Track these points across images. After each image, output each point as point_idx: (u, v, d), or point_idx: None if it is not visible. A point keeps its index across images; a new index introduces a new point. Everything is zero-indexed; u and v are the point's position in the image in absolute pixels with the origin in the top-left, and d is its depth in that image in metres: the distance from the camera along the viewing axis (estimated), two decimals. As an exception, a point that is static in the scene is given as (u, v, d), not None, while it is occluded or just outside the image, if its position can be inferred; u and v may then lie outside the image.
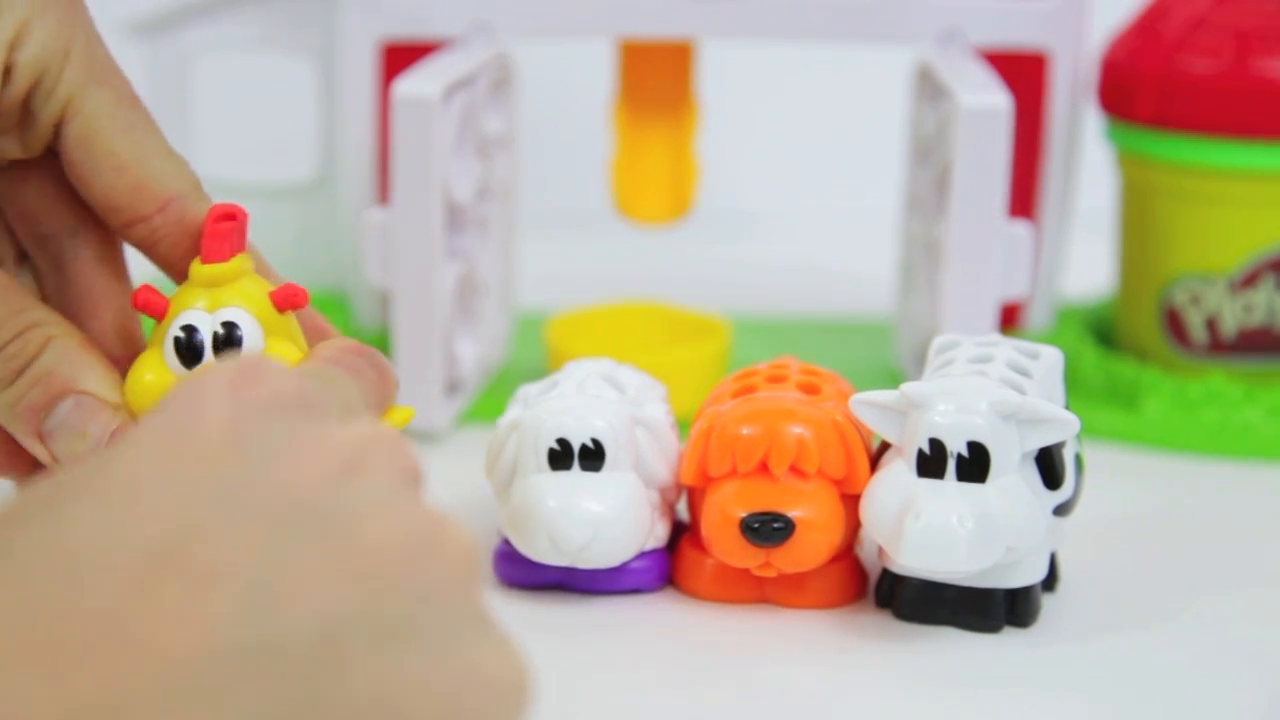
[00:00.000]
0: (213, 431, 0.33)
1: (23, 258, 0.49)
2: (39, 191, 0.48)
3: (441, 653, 0.32)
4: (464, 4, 0.66)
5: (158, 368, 0.44)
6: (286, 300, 0.45)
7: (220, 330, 0.44)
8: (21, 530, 0.30)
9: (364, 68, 0.67)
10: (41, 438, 0.44)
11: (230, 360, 0.35)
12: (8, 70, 0.44)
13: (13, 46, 0.44)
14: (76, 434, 0.44)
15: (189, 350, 0.44)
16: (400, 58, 0.66)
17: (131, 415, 0.45)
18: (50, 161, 0.47)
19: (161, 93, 0.73)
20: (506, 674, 0.33)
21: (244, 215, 0.45)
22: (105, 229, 0.48)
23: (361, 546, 0.32)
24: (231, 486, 0.31)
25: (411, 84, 0.59)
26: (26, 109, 0.45)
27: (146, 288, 0.45)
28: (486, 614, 0.34)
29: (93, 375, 0.45)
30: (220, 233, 0.45)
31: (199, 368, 0.44)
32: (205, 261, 0.45)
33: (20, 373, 0.44)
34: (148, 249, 0.47)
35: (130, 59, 0.77)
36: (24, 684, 0.27)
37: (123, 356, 0.47)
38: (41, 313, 0.45)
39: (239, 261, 0.45)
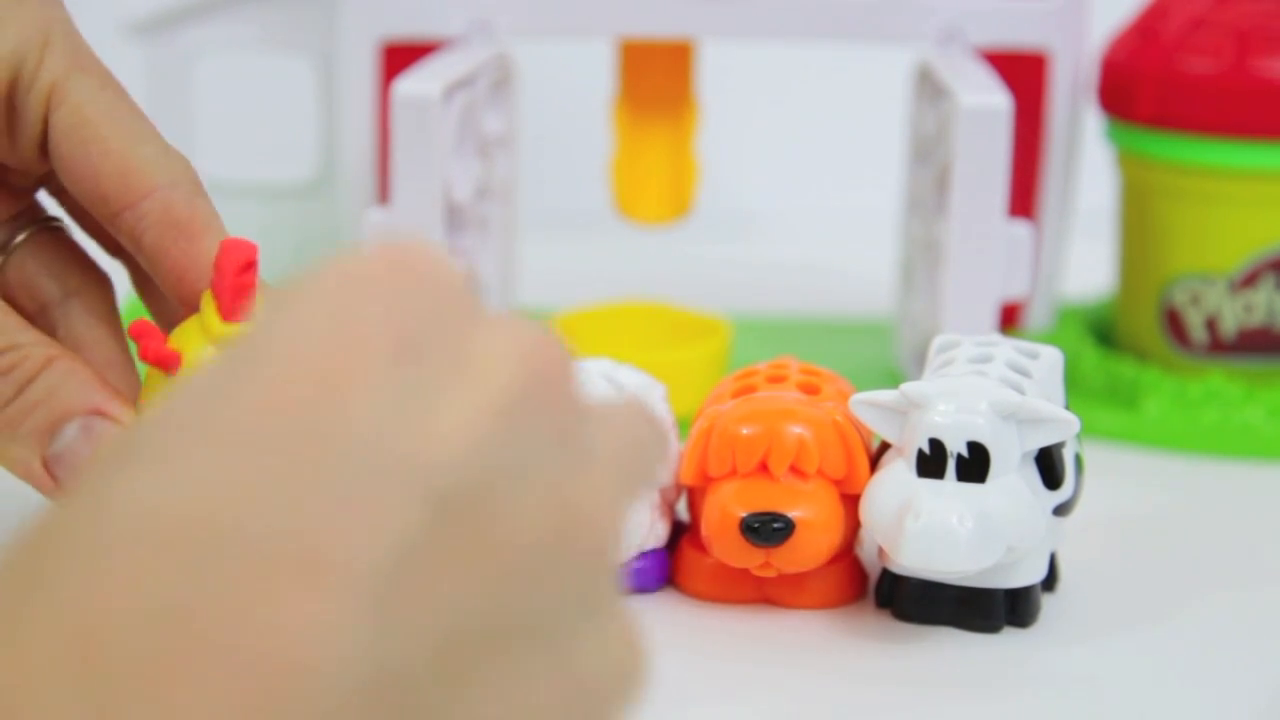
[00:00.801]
0: (365, 354, 0.27)
1: None
2: (35, 262, 0.48)
3: (566, 651, 0.28)
4: (464, 4, 0.66)
5: None
6: None
7: None
8: (86, 509, 0.26)
9: (364, 67, 0.67)
10: (47, 465, 0.43)
11: (386, 252, 0.28)
12: None
13: None
14: (83, 455, 0.42)
15: None
16: (400, 57, 0.66)
17: None
18: (43, 233, 0.47)
19: (161, 93, 0.73)
20: (627, 661, 0.30)
21: (256, 255, 0.44)
22: (100, 290, 0.48)
23: (495, 541, 0.27)
24: (361, 450, 0.26)
25: (411, 83, 0.59)
26: (11, 105, 0.45)
27: (156, 336, 0.43)
28: (612, 600, 0.30)
29: (101, 395, 0.43)
30: (243, 288, 0.43)
31: None
32: (227, 318, 0.43)
33: (21, 389, 0.43)
34: (134, 239, 0.45)
35: (130, 59, 0.77)
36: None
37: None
38: (40, 336, 0.44)
39: None
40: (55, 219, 0.49)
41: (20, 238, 0.48)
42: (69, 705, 0.23)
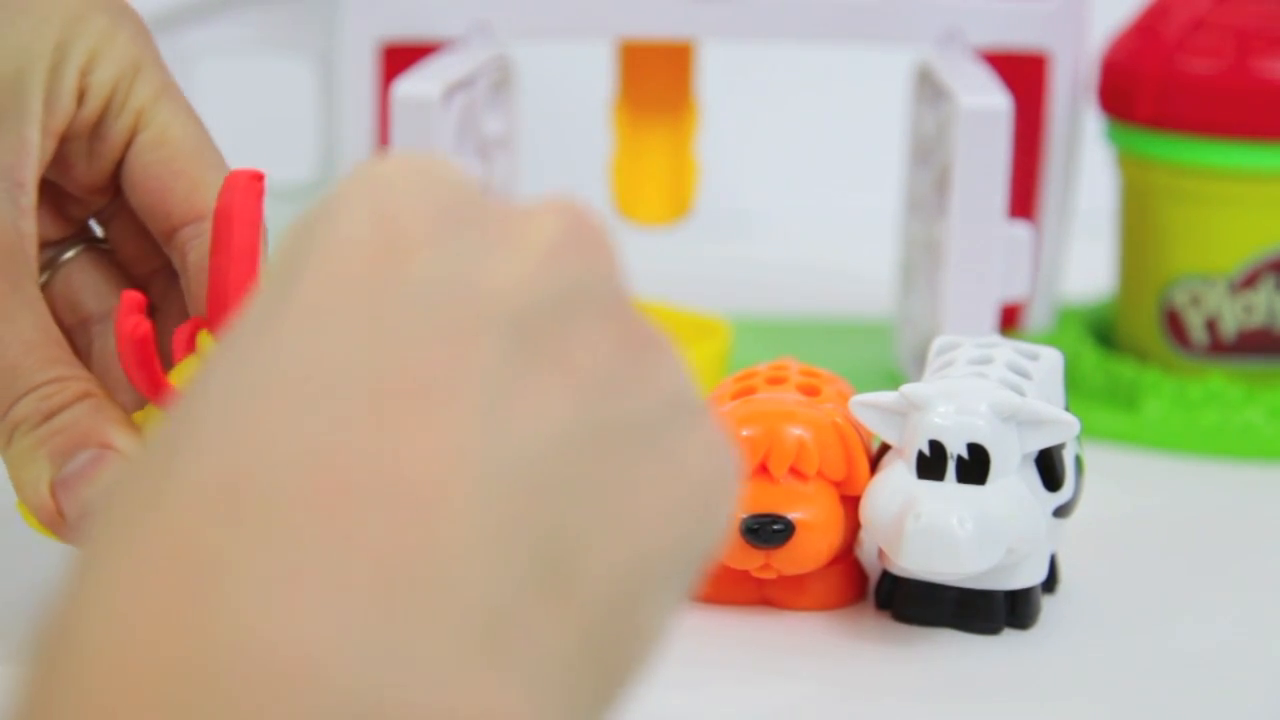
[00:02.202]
0: (413, 229, 0.29)
1: None
2: (80, 279, 0.49)
3: (670, 450, 0.30)
4: (464, 5, 0.66)
5: None
6: None
7: None
8: (222, 374, 0.28)
9: (364, 69, 0.67)
10: (54, 489, 0.44)
11: (402, 156, 0.32)
12: (82, 94, 0.46)
13: (85, 71, 0.46)
14: (88, 482, 0.43)
15: None
16: (400, 59, 0.66)
17: None
18: (90, 252, 0.49)
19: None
20: (726, 458, 0.32)
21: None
22: None
23: (571, 354, 0.29)
24: (439, 291, 0.29)
25: (411, 84, 0.59)
26: (97, 131, 0.47)
27: (165, 384, 0.44)
28: (698, 403, 0.32)
29: (121, 437, 0.44)
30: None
31: None
32: None
33: (49, 416, 0.44)
34: (182, 255, 0.47)
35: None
36: (313, 550, 0.25)
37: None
38: (84, 372, 0.45)
39: None
40: (103, 240, 0.50)
41: (69, 254, 0.49)
42: (224, 544, 0.25)
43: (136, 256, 0.50)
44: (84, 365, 0.47)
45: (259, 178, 0.45)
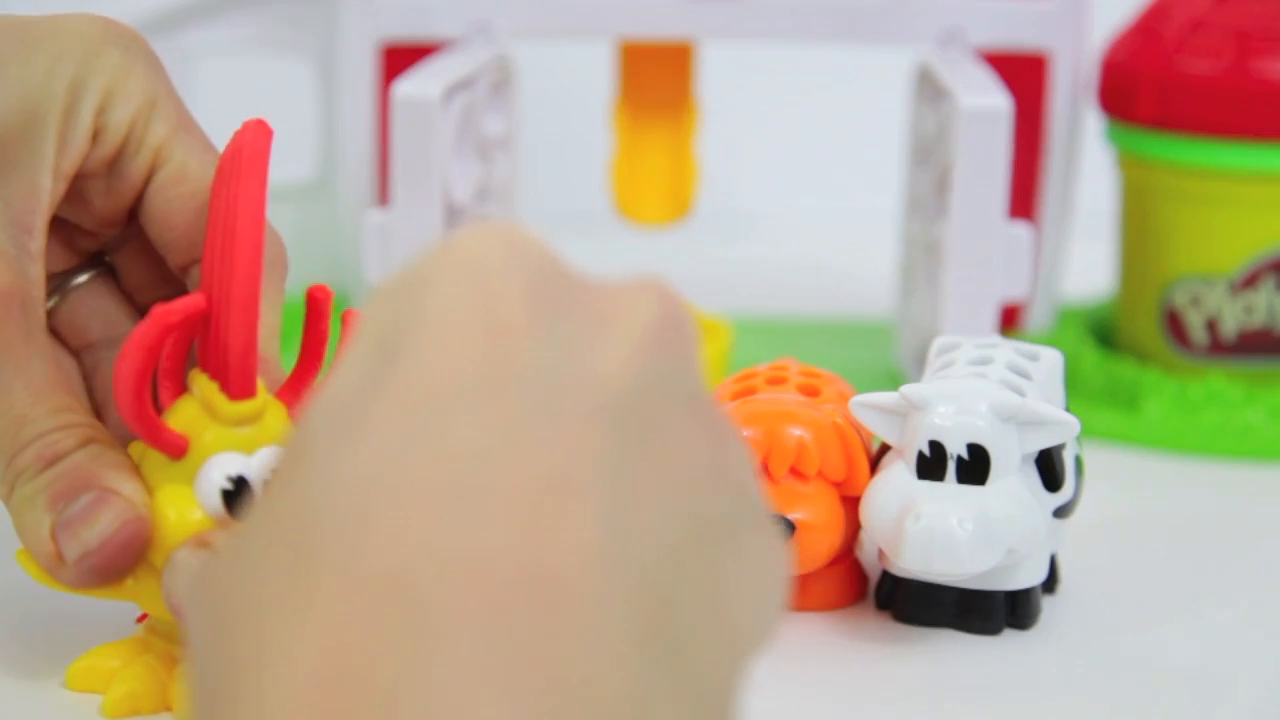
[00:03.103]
0: (513, 312, 0.30)
1: None
2: (88, 305, 0.49)
3: (744, 545, 0.31)
4: (464, 5, 0.66)
5: (187, 506, 0.43)
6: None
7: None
8: (322, 458, 0.28)
9: (364, 69, 0.67)
10: (54, 533, 0.43)
11: (489, 229, 0.32)
12: (98, 133, 0.46)
13: (101, 110, 0.45)
14: (87, 523, 0.43)
15: (239, 497, 0.43)
16: (400, 59, 0.66)
17: (157, 536, 0.43)
18: (99, 279, 0.49)
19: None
20: (781, 554, 0.33)
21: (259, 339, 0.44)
22: None
23: (672, 454, 0.30)
24: (548, 380, 0.29)
25: (411, 85, 0.59)
26: (113, 168, 0.46)
27: (152, 422, 0.43)
28: (761, 497, 0.33)
29: (124, 482, 0.44)
30: (251, 367, 0.43)
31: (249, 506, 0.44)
32: (235, 397, 0.43)
33: (51, 463, 0.44)
34: (193, 285, 0.47)
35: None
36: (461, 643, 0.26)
37: None
38: (89, 418, 0.45)
39: (264, 394, 0.43)
40: (110, 266, 0.50)
41: (78, 280, 0.49)
42: (399, 655, 0.25)
43: (143, 284, 0.49)
44: (88, 391, 0.48)
45: (268, 130, 0.45)
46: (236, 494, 0.43)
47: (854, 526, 0.49)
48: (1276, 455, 0.63)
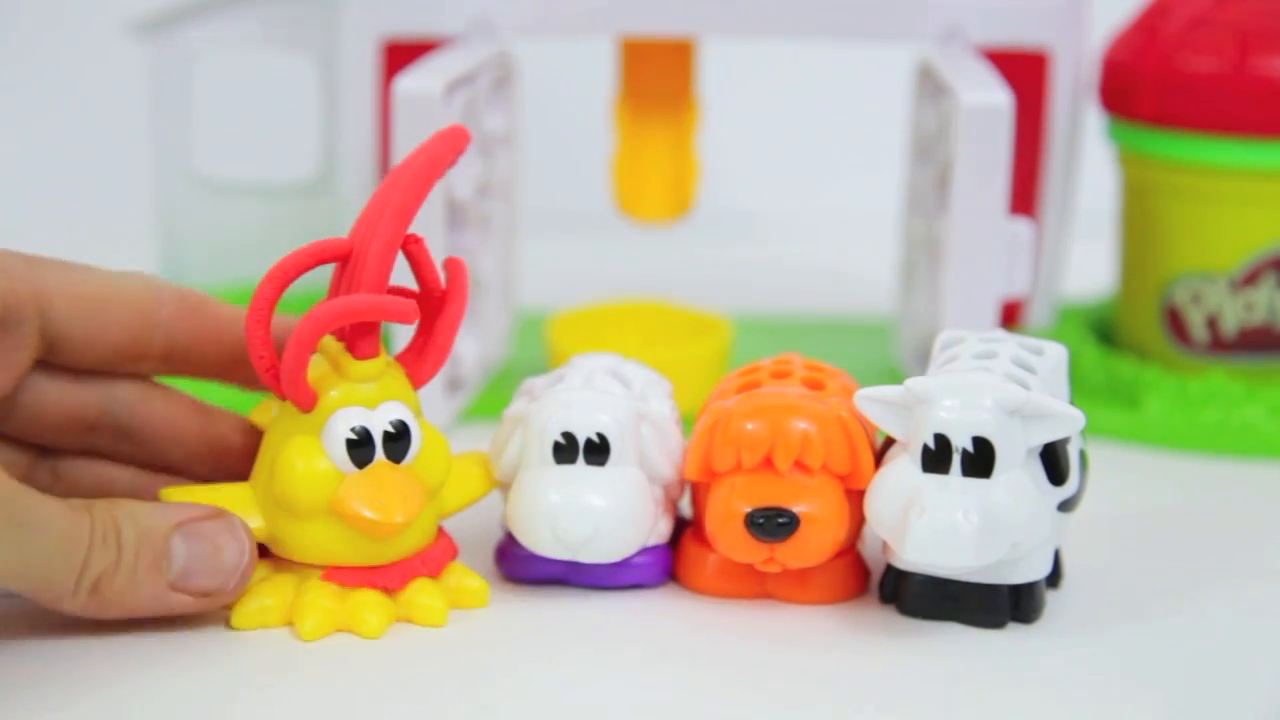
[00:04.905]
0: None
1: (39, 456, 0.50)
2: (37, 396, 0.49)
3: None
4: (465, 2, 0.66)
5: (315, 456, 0.46)
6: (419, 383, 0.48)
7: (390, 429, 0.47)
8: None
9: (365, 66, 0.67)
10: (176, 588, 0.45)
11: None
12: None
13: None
14: (204, 559, 0.45)
15: (361, 448, 0.46)
16: (402, 56, 0.66)
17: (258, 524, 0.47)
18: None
19: (163, 92, 0.73)
20: None
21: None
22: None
23: None
24: None
25: (412, 81, 0.59)
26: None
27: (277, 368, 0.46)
28: None
29: (163, 505, 0.46)
30: (373, 326, 0.47)
31: (371, 465, 0.47)
32: (359, 356, 0.47)
33: (119, 547, 0.44)
34: (168, 353, 0.49)
35: (132, 58, 0.77)
36: None
37: (217, 470, 0.50)
38: (86, 501, 0.45)
39: (385, 355, 0.47)
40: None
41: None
42: None
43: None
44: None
45: (465, 135, 0.48)
46: (359, 444, 0.46)
47: (858, 520, 0.49)
48: (1277, 452, 0.64)
